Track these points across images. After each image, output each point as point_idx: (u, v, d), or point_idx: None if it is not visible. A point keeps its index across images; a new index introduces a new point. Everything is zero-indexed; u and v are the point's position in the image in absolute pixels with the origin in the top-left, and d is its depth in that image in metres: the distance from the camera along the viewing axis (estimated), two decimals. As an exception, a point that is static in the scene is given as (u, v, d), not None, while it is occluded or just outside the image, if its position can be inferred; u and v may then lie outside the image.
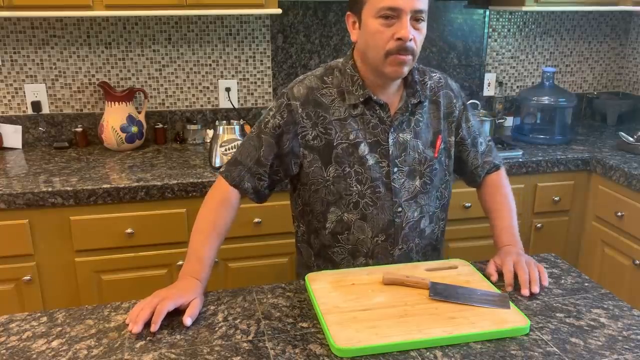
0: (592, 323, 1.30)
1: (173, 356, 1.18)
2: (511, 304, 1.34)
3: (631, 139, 2.72)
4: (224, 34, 2.86)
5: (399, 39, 1.40)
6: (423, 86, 1.60)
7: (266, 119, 1.56)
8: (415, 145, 1.56)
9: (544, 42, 3.27)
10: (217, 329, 1.28)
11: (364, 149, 1.52)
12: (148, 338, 1.24)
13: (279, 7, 2.51)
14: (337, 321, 1.26)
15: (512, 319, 1.28)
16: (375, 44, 1.43)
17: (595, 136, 3.04)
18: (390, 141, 1.53)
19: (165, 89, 2.87)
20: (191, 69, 2.87)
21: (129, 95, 2.68)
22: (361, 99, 1.52)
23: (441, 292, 1.38)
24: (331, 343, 1.19)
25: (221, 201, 1.56)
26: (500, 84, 3.25)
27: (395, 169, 1.54)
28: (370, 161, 1.53)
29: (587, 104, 3.41)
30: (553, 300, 1.40)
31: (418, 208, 1.58)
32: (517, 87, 3.31)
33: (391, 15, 1.40)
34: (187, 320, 1.28)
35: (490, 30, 3.17)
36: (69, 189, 2.18)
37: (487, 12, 3.12)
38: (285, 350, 1.19)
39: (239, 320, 1.31)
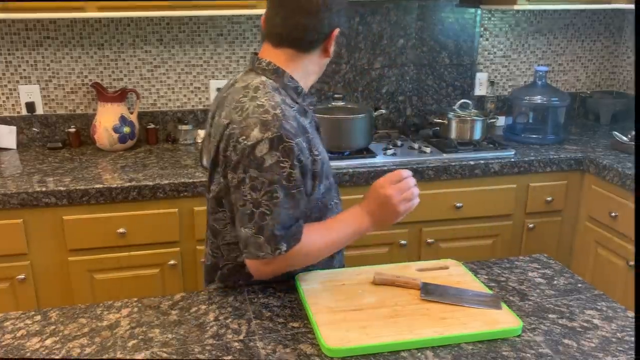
0: (585, 324, 1.30)
1: (165, 355, 1.18)
2: (503, 305, 1.34)
3: (625, 138, 2.71)
4: (215, 35, 2.85)
5: None
6: None
7: (284, 173, 1.31)
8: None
9: (537, 40, 3.27)
10: (208, 328, 1.28)
11: (323, 151, 1.47)
12: (140, 337, 1.24)
13: (271, 7, 2.50)
14: (327, 321, 1.27)
15: (503, 320, 1.28)
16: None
17: (589, 136, 3.03)
18: (322, 133, 1.55)
19: (157, 89, 2.87)
20: (182, 69, 2.87)
21: (121, 95, 2.68)
22: (311, 107, 1.51)
23: (432, 293, 1.38)
24: (322, 343, 1.19)
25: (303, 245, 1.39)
26: (492, 83, 3.25)
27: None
28: (327, 159, 1.50)
29: (580, 103, 3.41)
30: (546, 301, 1.41)
31: None
32: (509, 86, 3.31)
33: None
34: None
35: (482, 29, 3.17)
36: (62, 188, 2.18)
37: (479, 11, 3.12)
38: (276, 349, 1.20)
39: (230, 320, 1.31)
